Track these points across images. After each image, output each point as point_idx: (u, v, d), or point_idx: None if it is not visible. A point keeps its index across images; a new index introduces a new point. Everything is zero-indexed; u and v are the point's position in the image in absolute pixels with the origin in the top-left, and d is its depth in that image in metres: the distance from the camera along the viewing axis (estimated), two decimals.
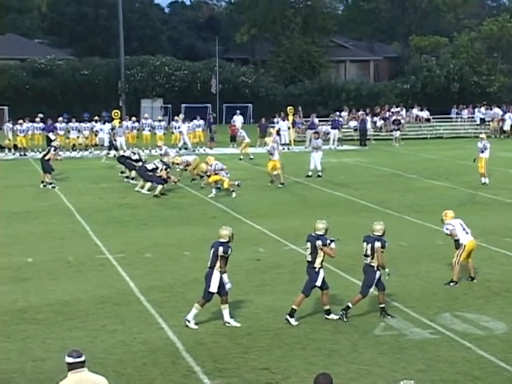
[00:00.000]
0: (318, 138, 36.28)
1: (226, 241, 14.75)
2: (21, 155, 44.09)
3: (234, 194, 29.42)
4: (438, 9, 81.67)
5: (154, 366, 12.96)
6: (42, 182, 32.14)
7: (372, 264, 15.08)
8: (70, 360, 8.93)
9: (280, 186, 31.71)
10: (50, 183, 31.94)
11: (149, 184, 30.30)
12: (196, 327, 14.61)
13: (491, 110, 58.72)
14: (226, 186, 29.68)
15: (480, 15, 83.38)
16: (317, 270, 14.92)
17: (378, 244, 14.97)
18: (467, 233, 17.81)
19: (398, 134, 51.44)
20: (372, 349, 13.67)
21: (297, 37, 72.31)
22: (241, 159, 41.68)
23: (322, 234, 15.03)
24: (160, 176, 30.10)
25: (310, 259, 15.03)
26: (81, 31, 78.42)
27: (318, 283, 14.97)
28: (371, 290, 15.22)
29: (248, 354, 13.42)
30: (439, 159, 42.21)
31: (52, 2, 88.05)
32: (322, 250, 14.85)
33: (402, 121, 53.55)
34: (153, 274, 18.62)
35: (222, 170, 29.96)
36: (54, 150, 33.13)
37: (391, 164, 39.52)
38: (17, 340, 14.13)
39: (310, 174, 34.58)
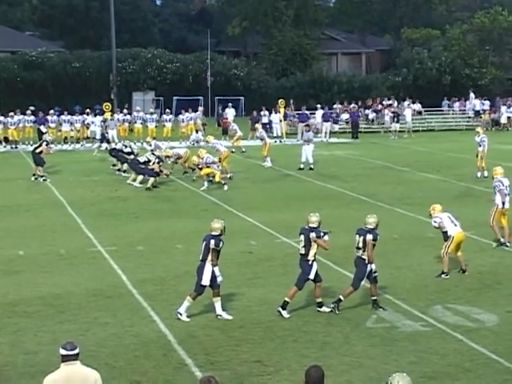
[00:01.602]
0: (309, 131, 36.33)
1: (217, 234, 14.75)
2: (12, 148, 43.99)
3: (225, 187, 29.41)
4: (429, 1, 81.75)
5: (146, 358, 12.96)
6: (34, 175, 32.08)
7: (363, 257, 15.10)
8: (63, 352, 8.92)
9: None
10: (42, 176, 31.88)
11: (141, 177, 30.28)
12: (188, 320, 14.61)
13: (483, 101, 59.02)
14: (217, 179, 29.67)
15: (472, 8, 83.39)
16: (310, 262, 14.94)
17: (369, 237, 14.99)
18: (455, 225, 17.91)
19: (397, 126, 51.45)
20: (364, 341, 13.70)
21: (288, 29, 72.27)
22: (233, 152, 41.65)
23: (315, 226, 15.04)
24: (152, 169, 30.07)
25: (303, 252, 15.05)
26: (72, 23, 78.21)
27: (311, 276, 14.99)
28: (363, 282, 15.24)
29: (240, 347, 13.44)
30: (431, 152, 42.26)
31: None
32: (315, 242, 14.87)
33: (406, 113, 53.31)
34: (145, 267, 18.61)
35: (213, 163, 29.95)
36: (47, 145, 33.04)
37: (383, 157, 39.55)
38: (8, 333, 14.12)
39: (301, 166, 34.59)
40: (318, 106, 51.94)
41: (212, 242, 14.61)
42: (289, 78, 69.17)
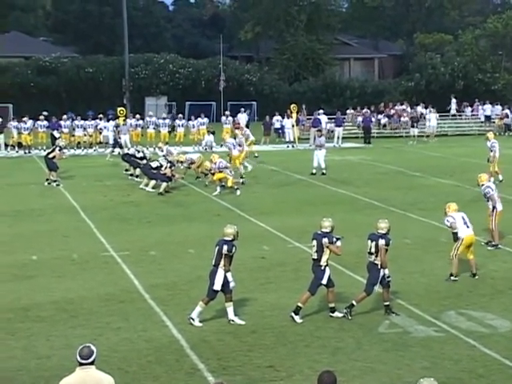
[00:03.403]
0: (321, 136, 36.29)
1: (230, 239, 14.74)
2: (25, 153, 44.10)
3: (238, 192, 29.40)
4: (442, 6, 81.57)
5: (159, 363, 12.95)
6: (47, 180, 32.16)
7: (376, 262, 15.07)
8: (79, 360, 8.98)
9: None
10: (55, 181, 31.96)
11: (153, 182, 30.32)
12: (200, 325, 14.61)
13: (493, 106, 59.00)
14: (229, 184, 29.66)
15: (484, 12, 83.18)
16: (322, 267, 14.91)
17: (382, 242, 14.96)
18: (468, 227, 17.93)
19: (416, 131, 51.37)
20: (376, 346, 13.66)
21: (301, 34, 72.26)
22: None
23: (328, 231, 15.04)
24: (164, 174, 30.10)
25: (315, 257, 15.03)
26: (85, 29, 78.47)
27: (324, 281, 14.96)
28: (376, 288, 15.20)
29: (252, 352, 13.42)
30: (443, 157, 42.16)
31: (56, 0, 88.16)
32: (328, 247, 14.84)
33: (430, 117, 53.11)
34: (157, 272, 18.62)
35: (226, 167, 29.95)
36: (60, 150, 33.11)
37: (395, 162, 39.47)
38: (21, 338, 14.14)
39: (314, 171, 34.54)
40: (321, 111, 51.75)
41: (225, 247, 14.60)
42: (301, 83, 69.16)
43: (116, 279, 18.02)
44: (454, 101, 61.15)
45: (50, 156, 32.46)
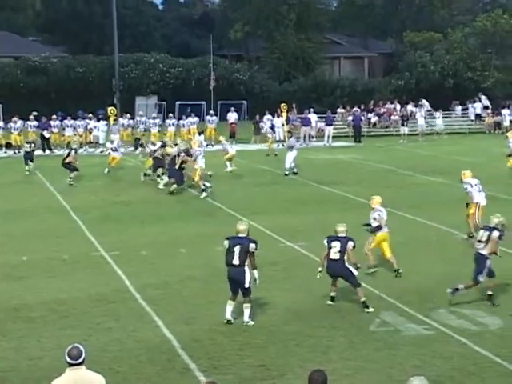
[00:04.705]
0: (291, 137, 36.12)
1: (245, 235, 14.72)
2: (15, 153, 43.92)
3: (203, 194, 28.93)
4: (431, 4, 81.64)
5: (150, 363, 12.95)
6: (70, 179, 32.09)
7: (482, 252, 15.82)
8: (69, 360, 8.97)
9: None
10: (70, 178, 31.99)
11: (166, 179, 30.16)
12: (252, 323, 14.62)
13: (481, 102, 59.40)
14: (196, 179, 29.52)
15: (473, 11, 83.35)
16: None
17: (495, 234, 15.73)
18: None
19: (406, 130, 51.47)
20: (368, 345, 13.68)
21: (290, 33, 72.21)
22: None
23: (345, 235, 15.65)
24: (182, 174, 29.92)
25: (338, 257, 15.49)
26: (75, 29, 78.24)
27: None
28: (482, 278, 15.89)
29: (244, 351, 13.43)
30: (434, 155, 42.22)
31: None
32: (351, 251, 15.58)
33: (420, 115, 53.31)
34: (148, 272, 18.60)
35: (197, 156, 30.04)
36: (75, 153, 32.97)
37: (386, 160, 39.52)
38: (12, 338, 14.12)
39: (286, 172, 34.37)
40: (311, 109, 51.80)
41: (252, 245, 14.54)
42: (291, 82, 69.15)
43: (107, 279, 18.00)
44: (483, 97, 61.06)
45: (67, 161, 32.29)
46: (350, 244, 15.50)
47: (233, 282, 14.69)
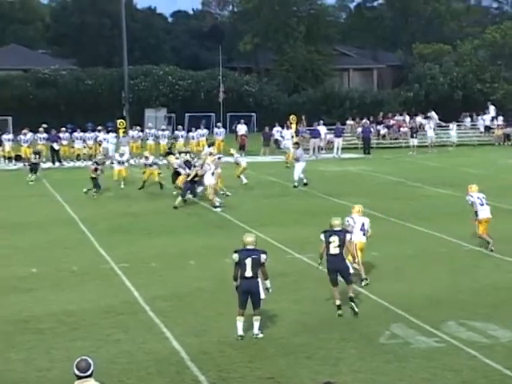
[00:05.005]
0: (297, 148, 36.06)
1: (254, 247, 14.74)
2: (24, 165, 43.95)
3: (218, 209, 28.53)
4: (441, 16, 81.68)
5: (159, 375, 12.93)
6: (89, 190, 32.27)
7: None
8: (77, 373, 8.99)
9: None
10: (88, 190, 32.09)
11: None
12: (262, 335, 14.61)
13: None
14: (211, 197, 29.33)
15: (483, 23, 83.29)
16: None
17: None
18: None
19: (415, 142, 51.38)
20: (378, 357, 13.63)
21: (300, 45, 72.29)
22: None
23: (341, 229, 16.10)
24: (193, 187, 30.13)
25: (338, 252, 15.89)
26: (84, 41, 78.60)
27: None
28: None
29: (253, 363, 13.39)
30: (443, 167, 42.15)
31: (55, 12, 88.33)
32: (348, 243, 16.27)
33: (429, 127, 53.28)
34: (157, 284, 18.60)
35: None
36: (98, 165, 32.67)
37: (395, 172, 39.47)
38: (21, 350, 14.12)
39: (295, 184, 34.33)
40: (321, 121, 51.86)
41: (263, 256, 14.60)
42: (300, 94, 69.18)
43: (116, 291, 18.00)
44: (492, 108, 61.02)
45: (93, 176, 32.24)
46: (348, 237, 16.10)
47: (247, 294, 14.62)
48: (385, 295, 17.14)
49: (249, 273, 14.52)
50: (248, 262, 14.52)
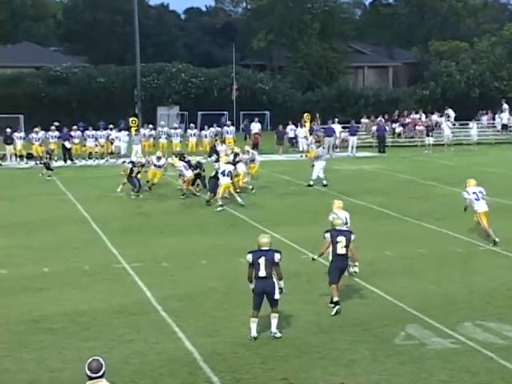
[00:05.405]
0: (319, 147, 36.06)
1: (268, 248, 14.76)
2: (36, 164, 44.16)
3: (219, 208, 28.40)
4: (457, 13, 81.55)
5: (171, 376, 12.95)
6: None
7: None
8: (89, 373, 9.04)
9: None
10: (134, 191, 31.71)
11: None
12: (280, 335, 14.59)
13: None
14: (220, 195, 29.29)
15: (500, 19, 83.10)
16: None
17: None
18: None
19: (431, 140, 51.28)
20: (392, 359, 13.61)
21: (314, 42, 72.26)
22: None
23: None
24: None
25: (344, 252, 16.17)
26: (96, 38, 78.82)
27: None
28: None
29: (266, 364, 13.40)
30: (459, 166, 42.04)
31: (67, 9, 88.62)
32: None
33: (446, 125, 53.18)
34: (170, 283, 18.63)
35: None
36: (132, 167, 31.93)
37: (410, 171, 39.41)
38: (33, 350, 14.17)
39: (311, 183, 34.26)
40: (335, 119, 51.85)
41: (277, 255, 14.61)
42: (315, 92, 69.17)
43: (128, 291, 18.05)
44: (506, 107, 60.58)
45: (133, 175, 31.83)
46: (352, 237, 16.36)
47: (262, 295, 14.63)
48: (399, 295, 17.13)
49: (262, 273, 14.53)
50: (261, 261, 14.54)
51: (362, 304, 16.14)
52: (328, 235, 16.38)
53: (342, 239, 16.16)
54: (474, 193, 22.58)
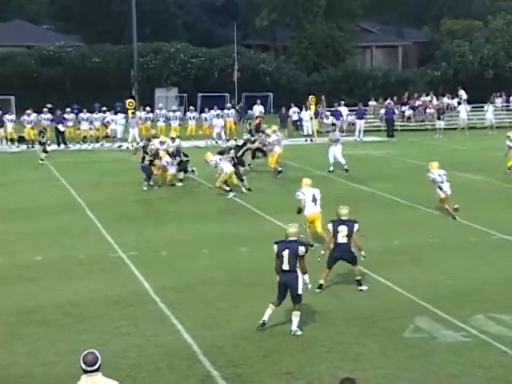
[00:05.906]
0: (335, 130, 35.99)
1: (295, 239, 14.77)
2: (28, 148, 44.15)
3: (230, 195, 28.44)
4: None
5: (170, 370, 13.00)
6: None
7: None
8: (84, 367, 9.07)
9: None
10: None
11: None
12: (300, 333, 14.48)
13: None
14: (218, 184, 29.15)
15: None
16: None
17: None
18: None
19: (442, 124, 51.21)
20: (401, 352, 13.65)
21: (320, 21, 71.91)
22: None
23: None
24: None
25: (346, 241, 16.71)
26: (91, 16, 78.48)
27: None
28: None
29: (269, 358, 13.43)
30: (472, 150, 42.04)
31: None
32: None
33: (464, 108, 53.13)
34: (168, 273, 18.66)
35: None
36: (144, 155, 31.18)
37: (420, 156, 39.31)
38: (26, 343, 14.22)
39: (331, 169, 34.20)
40: (342, 102, 51.80)
41: (301, 248, 14.53)
42: (320, 73, 68.97)
43: (125, 281, 18.08)
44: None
45: (144, 163, 30.99)
46: (356, 226, 16.80)
47: (283, 287, 14.63)
48: (408, 286, 17.15)
49: (286, 266, 14.51)
50: (285, 254, 14.51)
51: (369, 296, 16.17)
52: (330, 225, 16.92)
53: (343, 228, 16.69)
54: (439, 175, 24.22)
